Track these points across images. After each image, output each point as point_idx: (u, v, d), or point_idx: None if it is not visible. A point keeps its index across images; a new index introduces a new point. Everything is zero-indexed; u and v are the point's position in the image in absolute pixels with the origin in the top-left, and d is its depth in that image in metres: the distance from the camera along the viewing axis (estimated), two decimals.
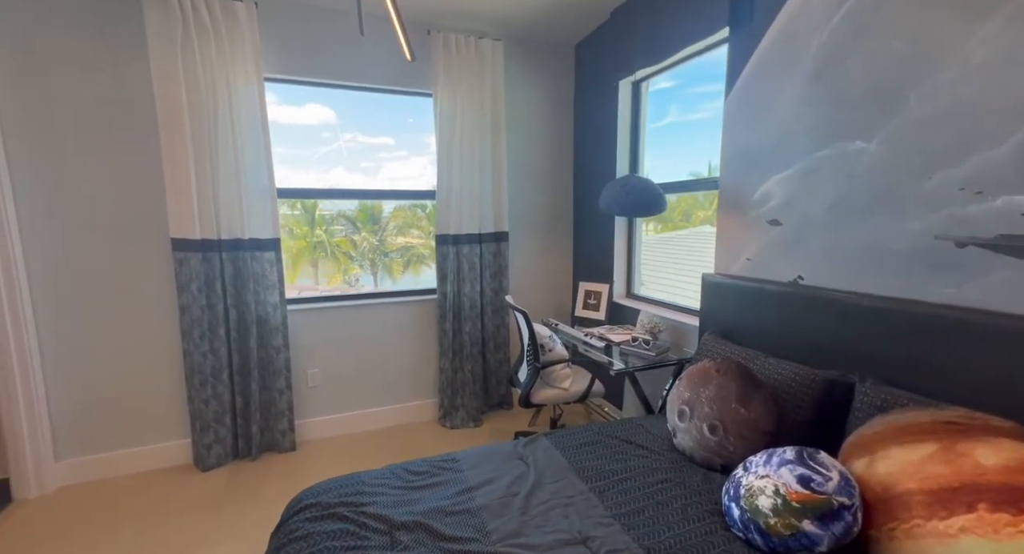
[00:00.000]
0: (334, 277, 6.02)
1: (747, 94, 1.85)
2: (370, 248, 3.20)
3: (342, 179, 2.88)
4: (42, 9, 2.08)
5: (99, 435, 2.36)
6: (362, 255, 3.10)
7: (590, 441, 1.65)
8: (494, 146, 2.89)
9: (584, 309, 2.90)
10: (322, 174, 2.85)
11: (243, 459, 2.53)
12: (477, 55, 2.76)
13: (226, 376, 2.45)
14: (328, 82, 2.66)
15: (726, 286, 1.93)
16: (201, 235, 2.31)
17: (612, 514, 1.25)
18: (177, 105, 2.20)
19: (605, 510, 1.27)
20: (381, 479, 1.39)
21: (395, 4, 1.29)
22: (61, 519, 2.06)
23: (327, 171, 2.86)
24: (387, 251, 3.20)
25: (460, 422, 2.92)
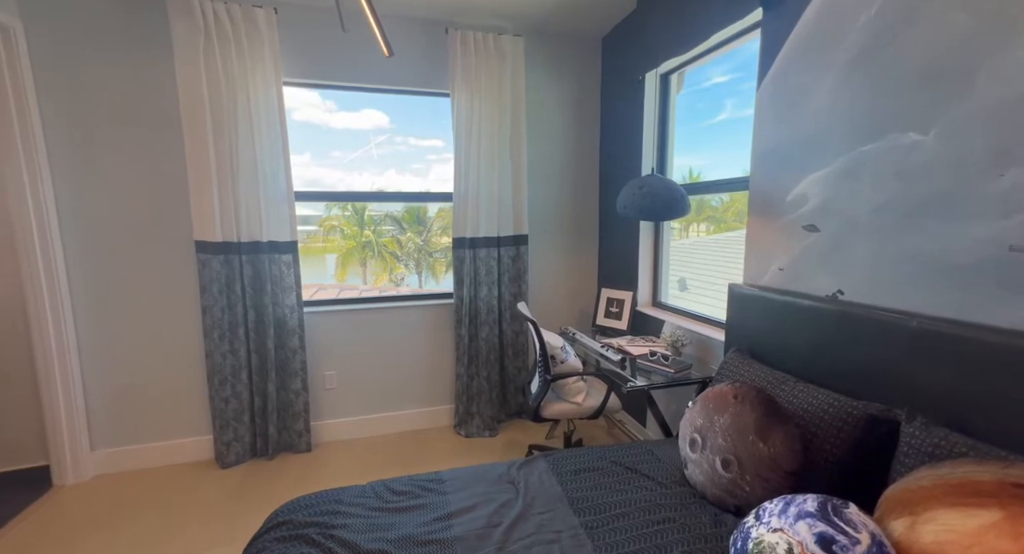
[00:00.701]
0: (381, 276, 6.12)
1: (781, 83, 1.64)
2: (415, 248, 3.22)
3: (393, 181, 2.93)
4: (82, 25, 2.20)
5: (131, 427, 2.49)
6: (408, 255, 3.14)
7: (591, 467, 1.52)
8: (514, 146, 2.79)
9: (606, 318, 2.74)
10: (375, 177, 2.92)
11: (260, 458, 2.58)
12: (496, 52, 2.67)
13: (245, 376, 2.50)
14: (346, 85, 2.66)
15: (754, 298, 1.73)
16: (222, 238, 2.37)
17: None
18: (200, 111, 2.27)
19: (594, 551, 1.14)
20: (360, 498, 1.33)
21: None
22: (95, 506, 2.18)
23: (380, 173, 2.92)
24: (431, 251, 3.21)
25: (476, 430, 2.84)
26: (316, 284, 3.92)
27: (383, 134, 2.87)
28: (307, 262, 4.59)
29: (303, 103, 2.82)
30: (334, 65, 2.56)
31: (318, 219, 4.11)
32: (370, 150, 3.08)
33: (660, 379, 1.90)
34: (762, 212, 1.74)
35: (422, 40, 2.65)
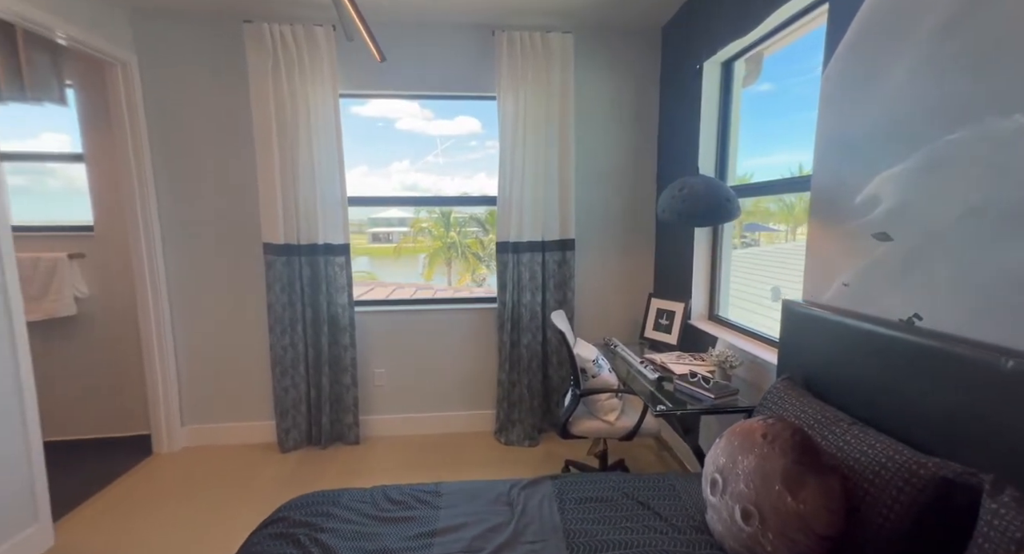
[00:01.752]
0: (464, 276, 6.31)
1: (849, 65, 1.37)
2: None
3: (482, 184, 3.05)
4: (180, 56, 2.54)
5: (212, 408, 2.82)
6: (490, 256, 3.22)
7: (600, 497, 1.39)
8: (561, 147, 2.69)
9: (655, 330, 2.52)
10: (465, 180, 3.06)
11: (315, 446, 2.78)
12: (544, 51, 2.59)
13: (302, 368, 2.71)
14: (397, 93, 2.77)
15: (812, 319, 1.46)
16: (284, 240, 2.59)
17: None
18: (267, 125, 2.49)
19: None
20: (357, 502, 1.35)
21: (355, 7, 1.23)
22: (180, 474, 2.52)
23: (470, 177, 3.06)
24: None
25: (516, 439, 2.79)
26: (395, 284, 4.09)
27: (474, 139, 3.01)
28: (399, 261, 4.81)
29: (405, 113, 3.07)
30: (386, 75, 2.66)
31: (411, 221, 4.30)
32: (437, 155, 3.23)
33: (697, 404, 1.69)
34: (825, 216, 1.47)
35: (470, 45, 2.66)
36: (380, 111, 3.13)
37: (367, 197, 2.90)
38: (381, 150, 3.28)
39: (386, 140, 3.29)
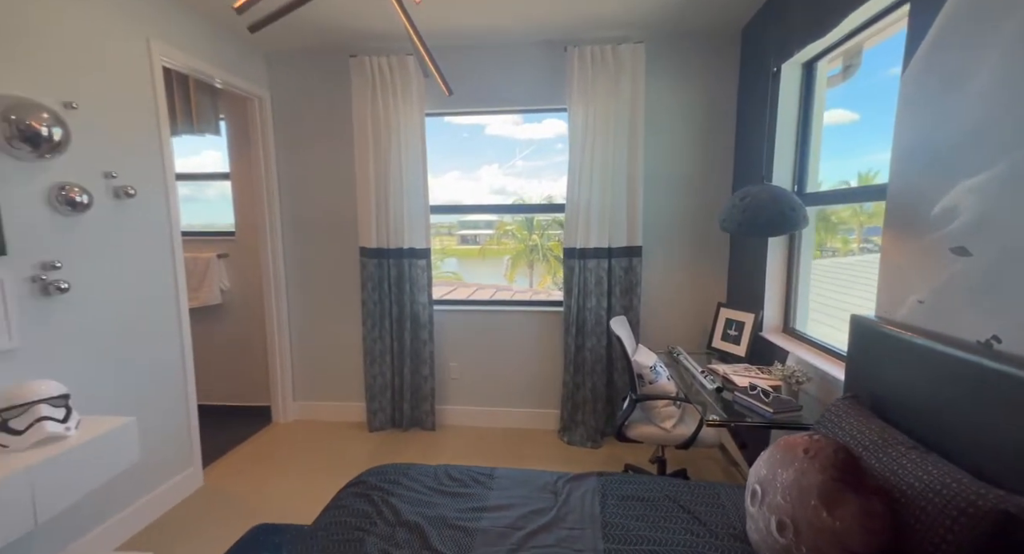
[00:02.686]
0: (545, 278, 6.47)
1: (932, 62, 1.28)
2: None
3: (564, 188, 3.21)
4: (301, 90, 3.03)
5: (316, 388, 3.29)
6: None
7: (642, 497, 1.45)
8: (630, 155, 2.73)
9: (723, 340, 2.46)
10: (552, 182, 3.29)
11: (397, 429, 3.12)
12: (615, 62, 2.66)
13: (388, 359, 3.06)
14: (478, 110, 3.01)
15: (881, 336, 1.38)
16: (376, 244, 2.96)
17: None
18: (365, 143, 2.87)
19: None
20: (423, 475, 1.56)
21: (424, 45, 1.43)
22: (291, 441, 2.99)
23: (556, 179, 3.27)
24: None
25: (579, 440, 2.88)
26: (477, 284, 4.35)
27: (560, 142, 3.14)
28: (485, 262, 5.10)
29: (494, 119, 3.28)
30: (469, 94, 2.92)
31: (496, 224, 4.52)
32: (522, 160, 3.43)
33: (756, 418, 1.66)
34: (900, 227, 1.38)
35: (543, 61, 2.81)
36: (471, 119, 3.30)
37: (444, 205, 3.20)
38: (471, 155, 3.45)
39: (476, 146, 3.46)
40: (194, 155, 3.52)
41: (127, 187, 2.00)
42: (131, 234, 2.06)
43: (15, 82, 1.60)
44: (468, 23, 2.58)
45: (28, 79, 1.64)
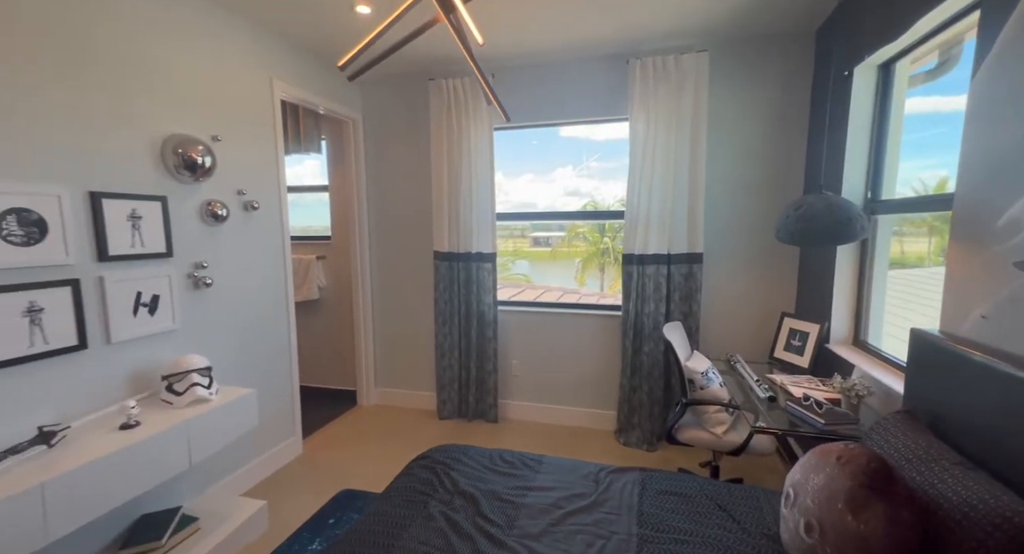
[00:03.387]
0: (616, 281, 6.54)
1: (997, 75, 1.24)
2: None
3: None
4: (386, 111, 3.42)
5: (395, 376, 3.68)
6: None
7: (680, 493, 1.53)
8: (692, 162, 2.75)
9: (786, 351, 2.40)
10: (625, 184, 3.36)
11: (463, 419, 3.39)
12: (677, 71, 2.70)
13: (457, 353, 3.34)
14: (542, 123, 3.19)
15: (941, 351, 1.34)
16: (448, 249, 3.25)
17: None
18: (440, 156, 3.18)
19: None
20: (480, 457, 1.77)
21: (486, 80, 1.62)
22: (373, 422, 3.39)
23: None
24: None
25: (634, 442, 2.94)
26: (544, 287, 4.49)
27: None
28: (556, 265, 5.22)
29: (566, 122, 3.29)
30: (535, 108, 3.11)
31: (567, 226, 4.59)
32: (592, 162, 3.54)
33: (807, 428, 1.65)
34: (966, 239, 1.33)
35: (605, 74, 2.93)
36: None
37: (508, 213, 3.42)
38: (546, 158, 3.54)
39: (550, 148, 3.52)
40: (297, 165, 4.08)
41: (253, 201, 2.45)
42: (254, 240, 2.52)
43: (181, 123, 2.07)
44: (537, 44, 2.77)
45: (189, 120, 2.11)
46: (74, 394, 1.70)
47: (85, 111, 1.71)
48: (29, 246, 1.54)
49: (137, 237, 1.87)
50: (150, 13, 1.94)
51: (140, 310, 1.90)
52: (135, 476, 1.56)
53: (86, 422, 1.67)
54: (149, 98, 1.94)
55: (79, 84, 1.69)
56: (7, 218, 1.48)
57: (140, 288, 1.90)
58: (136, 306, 1.89)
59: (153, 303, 1.95)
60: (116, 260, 1.80)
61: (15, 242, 1.50)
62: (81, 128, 1.70)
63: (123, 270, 1.84)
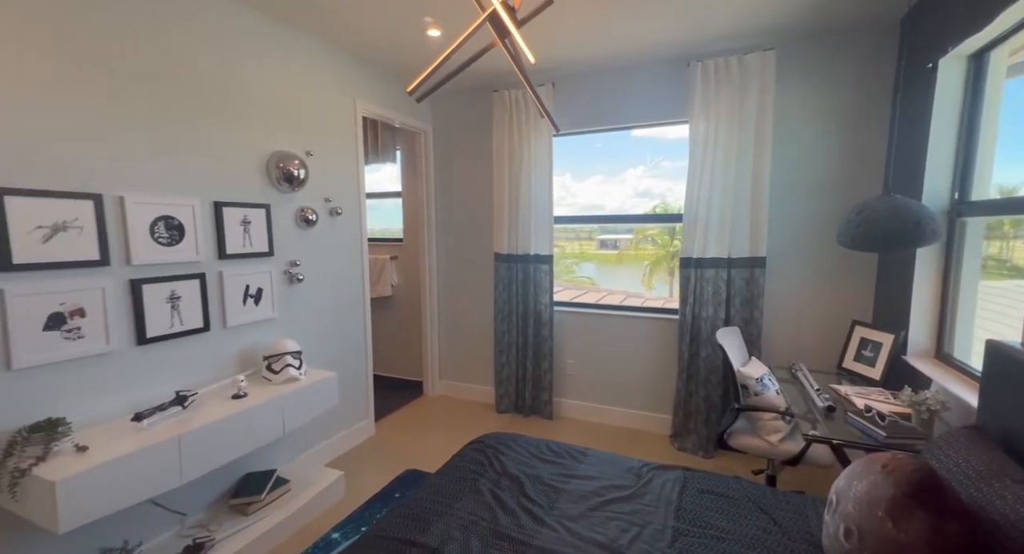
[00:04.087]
0: None
1: None
2: None
3: None
4: (452, 122, 3.67)
5: (456, 370, 3.92)
6: None
7: (721, 492, 1.55)
8: (756, 164, 2.68)
9: (855, 361, 2.26)
10: None
11: (519, 414, 3.54)
12: (740, 72, 2.65)
13: (514, 350, 3.50)
14: (602, 129, 3.26)
15: (1016, 364, 1.25)
16: (507, 251, 3.42)
17: None
18: (502, 164, 3.36)
19: (667, 548, 1.31)
20: (528, 444, 1.89)
21: (532, 88, 1.73)
22: (437, 411, 3.65)
23: None
24: None
25: (690, 447, 2.91)
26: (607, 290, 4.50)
27: None
28: (622, 268, 5.20)
29: None
30: (596, 114, 3.19)
31: (635, 228, 4.47)
32: (659, 164, 3.52)
33: (868, 440, 1.59)
34: None
35: (665, 77, 2.94)
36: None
37: (565, 216, 3.51)
38: (616, 159, 3.49)
39: (622, 149, 3.46)
40: (376, 172, 4.47)
41: (337, 207, 2.78)
42: (338, 242, 2.85)
43: (282, 141, 2.43)
44: (597, 52, 2.84)
45: (288, 138, 2.47)
46: (200, 367, 2.08)
47: (212, 138, 2.09)
48: (172, 246, 1.92)
49: (247, 239, 2.24)
50: (267, 51, 2.30)
51: (248, 300, 2.27)
52: (243, 437, 1.89)
53: (208, 390, 2.04)
54: (259, 123, 2.30)
55: (208, 118, 2.07)
56: (158, 224, 1.87)
57: (248, 282, 2.26)
58: (245, 297, 2.25)
59: (258, 295, 2.31)
60: (232, 258, 2.17)
61: (162, 243, 1.89)
62: (209, 151, 2.08)
63: (237, 266, 2.21)
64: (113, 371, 1.77)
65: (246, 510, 2.10)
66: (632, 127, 3.18)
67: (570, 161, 3.56)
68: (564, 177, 3.60)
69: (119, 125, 1.76)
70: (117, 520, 1.76)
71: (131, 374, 1.82)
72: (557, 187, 3.54)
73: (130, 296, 1.80)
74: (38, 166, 1.56)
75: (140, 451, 1.55)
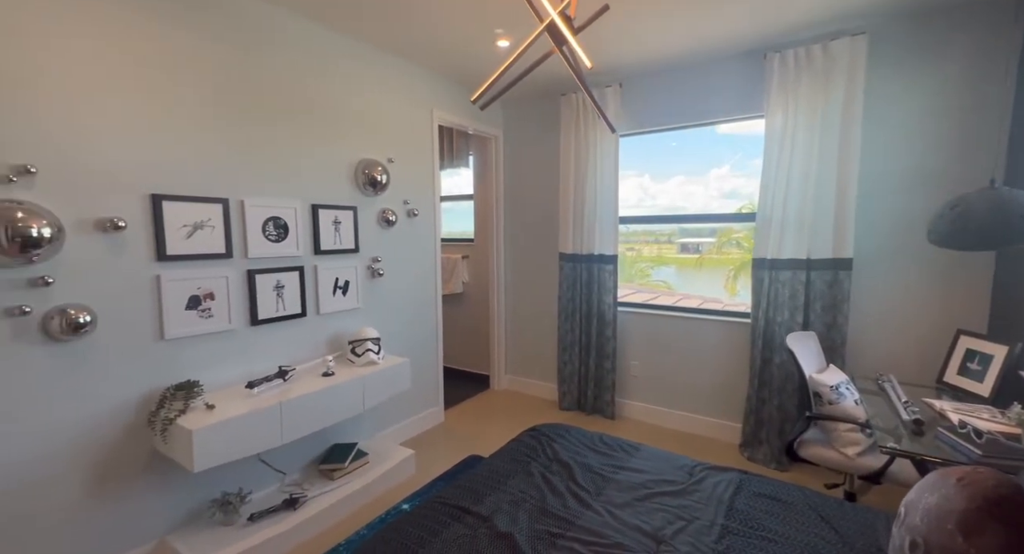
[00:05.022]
0: None
1: None
2: None
3: None
4: (521, 126, 3.82)
5: (522, 365, 4.05)
6: None
7: (779, 497, 1.50)
8: (842, 158, 2.49)
9: (959, 375, 2.01)
10: None
11: (581, 412, 3.57)
12: (825, 60, 2.49)
13: (577, 349, 3.55)
14: (671, 127, 3.20)
15: None
16: (572, 250, 3.49)
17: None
18: (568, 164, 3.43)
19: (714, 543, 1.31)
20: (582, 436, 1.95)
21: (589, 92, 1.77)
22: (502, 404, 3.82)
23: None
24: None
25: (762, 458, 2.77)
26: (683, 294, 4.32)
27: None
28: (702, 273, 5.00)
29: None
30: (665, 112, 3.16)
31: (719, 231, 4.21)
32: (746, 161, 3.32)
33: (957, 457, 1.44)
34: None
35: (739, 71, 2.83)
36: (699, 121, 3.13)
37: (632, 216, 3.48)
38: (699, 158, 3.34)
39: (705, 147, 3.30)
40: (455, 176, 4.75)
41: (414, 209, 3.05)
42: (414, 241, 3.11)
43: (367, 150, 2.73)
44: (664, 50, 2.82)
45: (373, 147, 2.76)
46: (297, 347, 2.41)
47: (312, 150, 2.42)
48: (278, 243, 2.26)
49: (337, 237, 2.55)
50: (355, 71, 2.61)
51: (337, 291, 2.58)
52: (330, 409, 2.17)
53: (303, 367, 2.36)
54: (349, 135, 2.61)
55: (309, 133, 2.40)
56: (268, 224, 2.21)
57: (337, 275, 2.57)
58: (335, 288, 2.57)
59: (345, 286, 2.62)
60: (325, 253, 2.49)
61: (271, 240, 2.23)
62: (309, 161, 2.41)
63: (329, 261, 2.52)
64: (233, 346, 2.13)
65: (332, 475, 2.39)
66: (702, 125, 3.09)
67: (648, 162, 3.51)
68: (643, 179, 3.56)
69: (241, 144, 2.12)
70: (234, 470, 2.11)
71: (245, 349, 2.18)
72: (635, 188, 3.52)
73: (246, 284, 2.16)
74: (184, 178, 1.94)
75: (252, 413, 1.86)
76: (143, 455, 1.86)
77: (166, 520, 1.94)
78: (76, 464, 1.70)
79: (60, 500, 1.67)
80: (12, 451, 1.57)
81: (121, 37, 1.75)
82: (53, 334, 1.61)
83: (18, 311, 1.54)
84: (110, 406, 1.77)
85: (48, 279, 1.59)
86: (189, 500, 2.00)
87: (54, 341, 1.63)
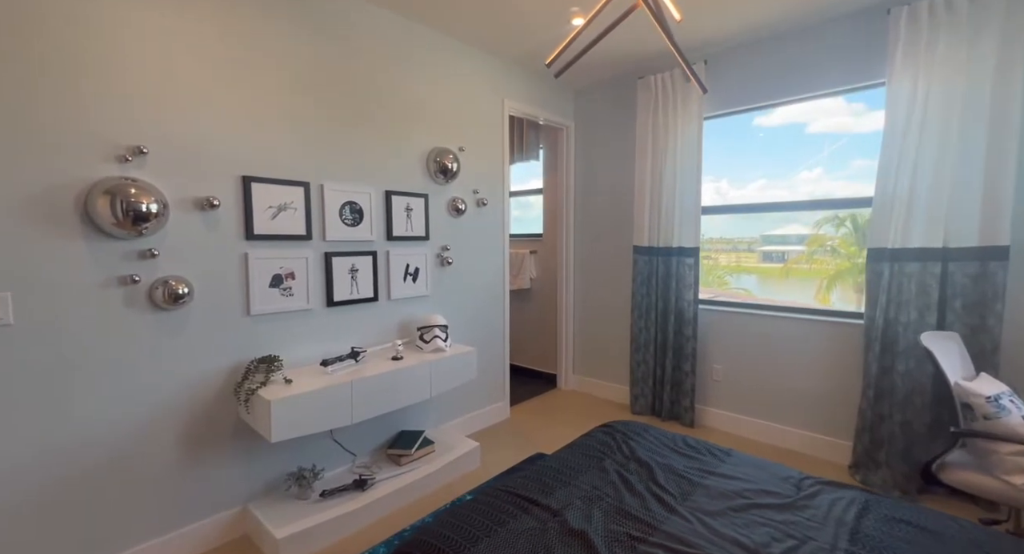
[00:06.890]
0: None
1: None
2: None
3: None
4: (591, 114, 3.66)
5: (591, 365, 3.86)
6: None
7: (923, 526, 1.20)
8: (993, 126, 2.07)
9: None
10: None
11: (656, 417, 3.31)
12: (971, 10, 2.09)
13: (652, 349, 3.29)
14: (764, 104, 2.88)
15: None
16: (647, 243, 3.25)
17: None
18: (645, 151, 3.22)
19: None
20: (661, 436, 1.75)
21: (677, 47, 1.57)
22: (568, 404, 3.66)
23: None
24: None
25: (880, 483, 2.34)
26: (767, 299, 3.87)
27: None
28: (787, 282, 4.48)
29: (821, 113, 2.74)
30: (756, 90, 2.85)
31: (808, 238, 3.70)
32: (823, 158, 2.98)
33: None
34: None
35: (850, 33, 2.47)
36: (788, 117, 2.90)
37: (716, 206, 3.17)
38: (785, 159, 3.00)
39: (793, 147, 2.97)
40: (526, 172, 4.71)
41: (483, 199, 3.01)
42: (483, 232, 3.07)
43: (438, 139, 2.73)
44: (757, 19, 2.54)
45: (444, 135, 2.76)
46: (369, 330, 2.44)
47: (386, 137, 2.46)
48: (354, 227, 2.31)
49: (409, 224, 2.57)
50: (429, 60, 2.64)
51: (407, 278, 2.59)
52: (398, 393, 2.16)
53: (373, 350, 2.38)
54: (422, 123, 2.63)
55: (384, 121, 2.45)
56: (344, 208, 2.27)
57: (408, 261, 2.59)
58: (405, 274, 2.58)
59: (415, 273, 2.63)
60: (396, 240, 2.52)
61: (348, 224, 2.29)
62: (384, 148, 2.46)
63: (400, 248, 2.55)
64: (310, 325, 2.20)
65: (399, 461, 2.38)
66: (799, 100, 2.73)
67: (727, 167, 3.20)
68: (720, 183, 3.26)
69: (323, 131, 2.20)
70: (309, 447, 2.17)
71: (321, 329, 2.24)
72: (712, 192, 3.24)
73: (323, 266, 2.22)
74: (271, 162, 2.04)
75: (325, 389, 1.89)
76: (230, 422, 1.97)
77: (248, 488, 2.03)
78: (174, 422, 1.83)
79: (160, 456, 1.80)
80: (125, 405, 1.71)
81: (225, 33, 1.88)
82: (157, 302, 1.74)
83: (130, 280, 1.69)
84: (203, 372, 1.89)
85: (155, 251, 1.72)
86: (267, 471, 2.08)
87: (159, 309, 1.76)
